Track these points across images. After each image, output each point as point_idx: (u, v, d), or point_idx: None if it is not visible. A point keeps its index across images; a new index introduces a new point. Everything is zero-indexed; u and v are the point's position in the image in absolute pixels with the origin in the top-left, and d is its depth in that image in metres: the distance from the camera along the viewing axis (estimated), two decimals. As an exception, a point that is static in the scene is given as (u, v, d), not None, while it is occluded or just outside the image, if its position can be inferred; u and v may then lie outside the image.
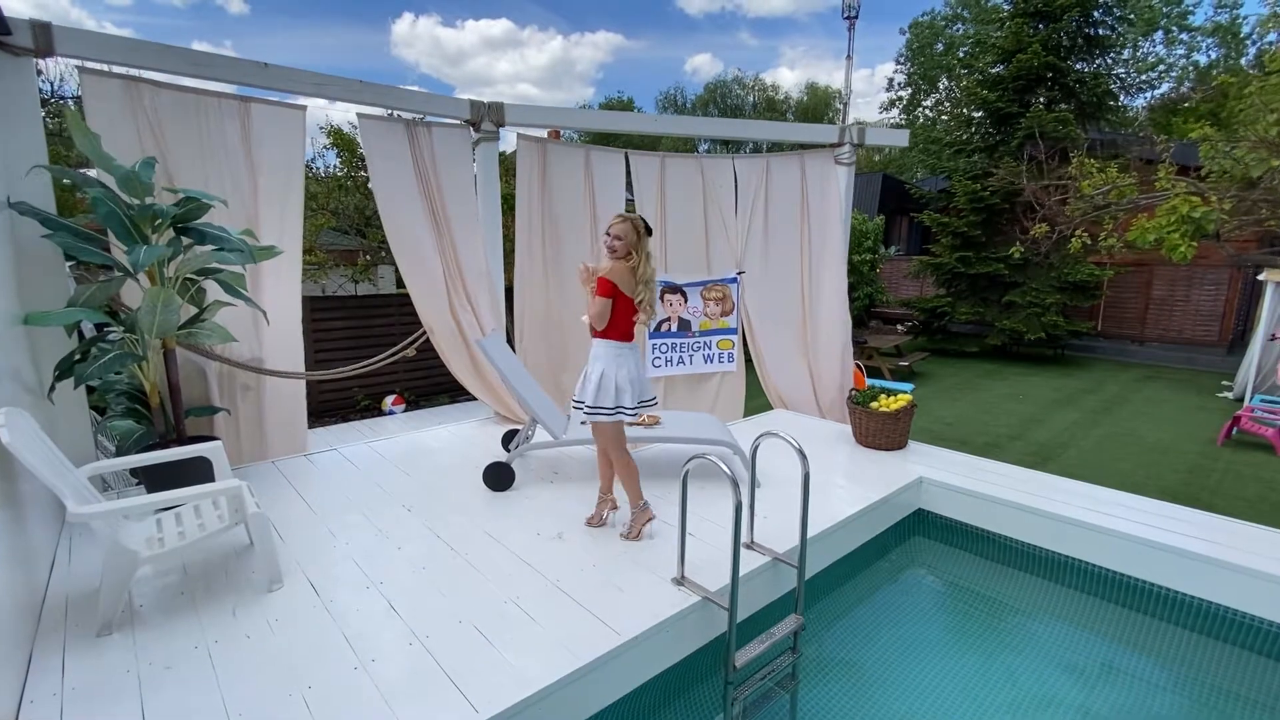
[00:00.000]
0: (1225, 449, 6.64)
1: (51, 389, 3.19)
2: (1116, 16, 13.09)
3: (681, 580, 2.76)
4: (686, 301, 5.89)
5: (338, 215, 9.51)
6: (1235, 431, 6.81)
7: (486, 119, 5.03)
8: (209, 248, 3.39)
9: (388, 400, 7.61)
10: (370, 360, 5.10)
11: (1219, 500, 5.19)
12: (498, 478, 3.85)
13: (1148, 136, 10.54)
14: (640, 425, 3.94)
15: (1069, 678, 2.93)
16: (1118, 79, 17.53)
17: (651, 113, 31.90)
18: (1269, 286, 7.97)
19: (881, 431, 4.65)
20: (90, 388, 3.81)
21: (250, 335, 4.21)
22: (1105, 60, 13.88)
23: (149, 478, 3.32)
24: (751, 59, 56.22)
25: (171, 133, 3.82)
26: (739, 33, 52.67)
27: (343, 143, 9.42)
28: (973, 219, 12.13)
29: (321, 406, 7.33)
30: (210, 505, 2.87)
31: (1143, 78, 21.32)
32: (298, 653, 2.29)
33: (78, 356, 3.19)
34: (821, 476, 4.03)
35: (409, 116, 4.86)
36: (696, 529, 3.22)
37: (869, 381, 5.86)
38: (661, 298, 5.69)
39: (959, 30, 24.09)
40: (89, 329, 3.86)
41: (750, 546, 3.07)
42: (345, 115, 9.51)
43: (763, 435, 2.99)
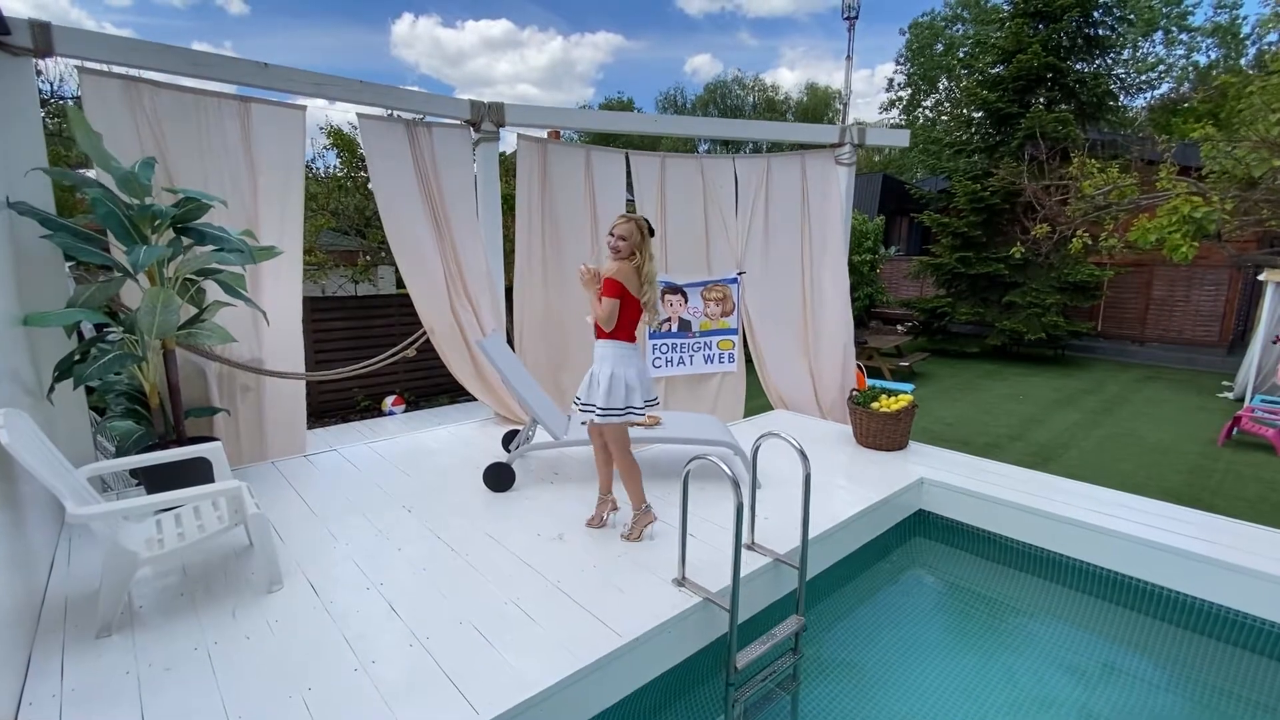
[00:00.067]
0: (1226, 449, 6.64)
1: (51, 390, 3.19)
2: (1116, 17, 13.08)
3: (682, 581, 2.76)
4: (687, 302, 5.88)
5: (338, 216, 9.50)
6: (1236, 432, 6.81)
7: (487, 119, 5.02)
8: (209, 248, 3.39)
9: (388, 401, 7.60)
10: (370, 361, 5.10)
11: (1220, 501, 5.18)
12: (498, 478, 3.85)
13: (1149, 137, 10.53)
14: (642, 425, 3.93)
15: (1070, 678, 2.92)
16: (1118, 79, 17.52)
17: (651, 113, 31.91)
18: (1269, 287, 7.96)
19: (882, 432, 4.64)
20: (90, 388, 3.81)
21: (250, 336, 4.20)
22: (1105, 61, 13.87)
23: (148, 478, 3.31)
24: (751, 59, 56.32)
25: (171, 133, 3.81)
26: (739, 33, 52.76)
27: (343, 143, 9.42)
28: (973, 219, 12.13)
29: (321, 407, 7.32)
30: (210, 506, 2.86)
31: (1142, 78, 21.33)
32: (298, 654, 2.29)
33: (77, 357, 3.18)
34: (822, 477, 4.03)
35: (409, 117, 4.86)
36: (697, 530, 3.21)
37: (869, 382, 5.86)
38: (662, 298, 5.69)
39: (959, 31, 24.08)
40: (88, 329, 3.85)
41: (751, 547, 3.07)
42: (345, 115, 9.53)
43: (764, 436, 2.99)
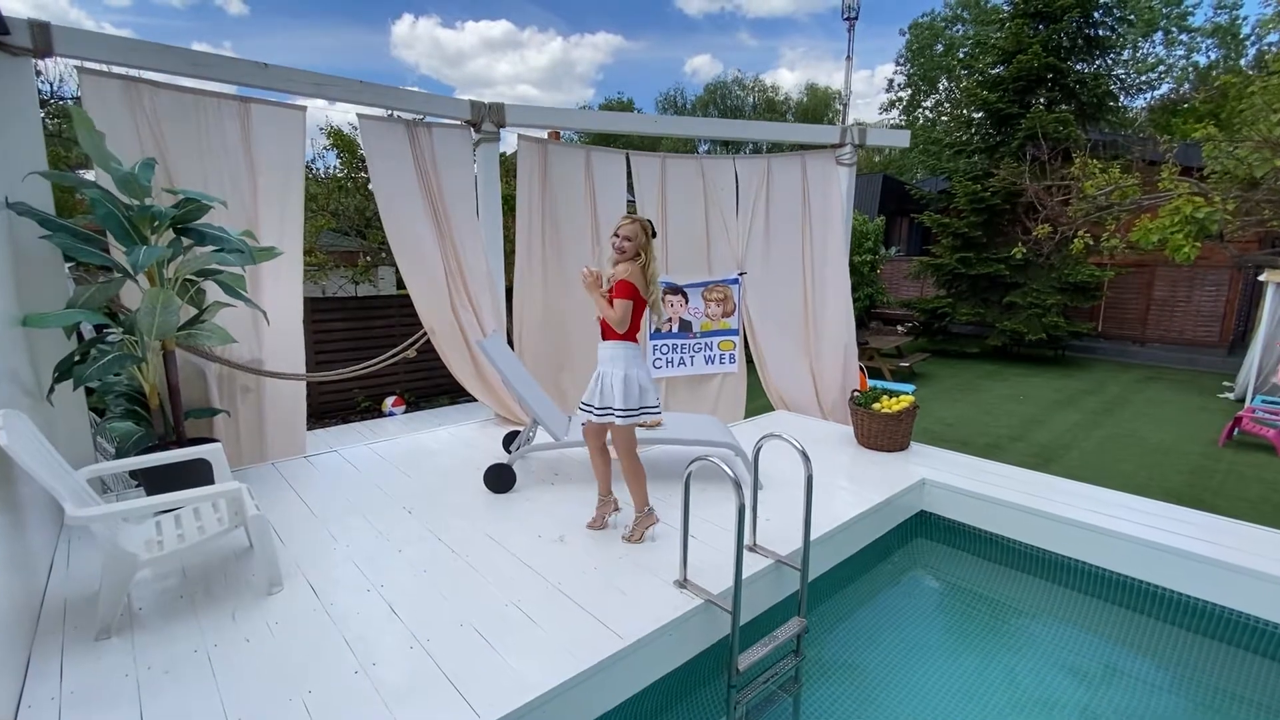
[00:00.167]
0: (1227, 450, 6.63)
1: (50, 391, 3.18)
2: (1116, 17, 13.09)
3: (684, 583, 2.75)
4: (687, 302, 5.88)
5: (338, 216, 9.50)
6: (1237, 432, 6.80)
7: (487, 120, 5.02)
8: (209, 249, 3.38)
9: (388, 402, 7.59)
10: (370, 361, 5.09)
11: (1221, 501, 5.17)
12: (499, 479, 3.84)
13: (1150, 137, 10.52)
14: (643, 426, 3.92)
15: (1072, 680, 2.91)
16: (1118, 80, 17.54)
17: (651, 114, 31.91)
18: (1270, 287, 7.96)
19: (884, 433, 4.63)
20: (89, 389, 3.80)
21: (250, 337, 4.19)
22: (1105, 61, 13.87)
23: (148, 480, 3.30)
24: (751, 60, 56.37)
25: (171, 133, 3.80)
26: (738, 33, 52.82)
27: (343, 144, 9.42)
28: (973, 220, 12.12)
29: (321, 408, 7.31)
30: (210, 508, 2.85)
31: (1143, 78, 21.35)
32: (298, 656, 2.28)
33: (77, 358, 3.17)
34: (824, 478, 4.02)
35: (409, 117, 4.85)
36: (698, 531, 3.20)
37: (870, 383, 5.85)
38: (662, 298, 5.68)
39: (959, 31, 24.09)
40: (88, 330, 3.84)
41: (753, 549, 3.06)
42: (345, 116, 9.54)
43: (765, 437, 2.98)
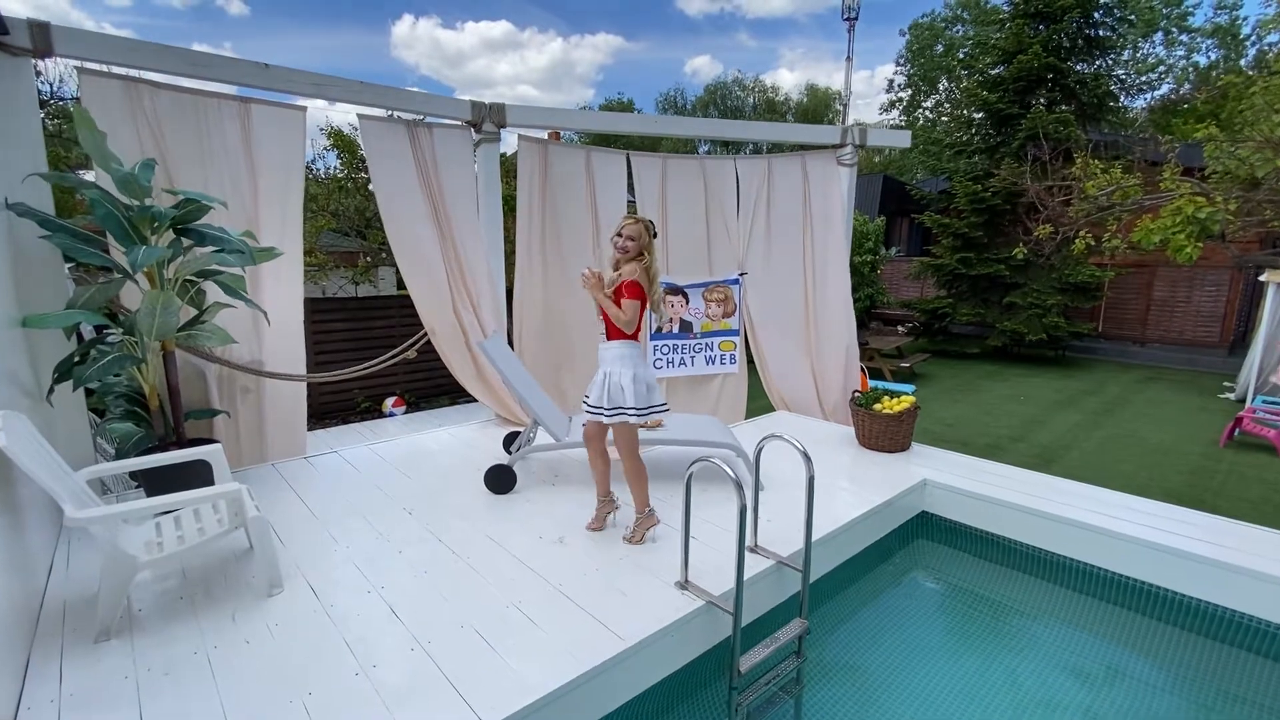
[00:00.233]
0: (1228, 450, 6.62)
1: (50, 392, 3.17)
2: (1117, 18, 13.09)
3: (685, 584, 2.74)
4: (688, 303, 5.87)
5: (338, 217, 9.51)
6: (1237, 433, 6.80)
7: (487, 120, 5.01)
8: (209, 249, 3.37)
9: (388, 402, 7.58)
10: (371, 362, 5.09)
11: (1222, 502, 5.17)
12: (499, 480, 3.83)
13: (1151, 138, 10.53)
14: (644, 427, 3.91)
15: (1073, 681, 2.90)
16: (1118, 80, 17.53)
17: (651, 114, 31.92)
18: (1270, 288, 7.95)
19: (885, 434, 4.63)
20: (89, 390, 3.79)
21: (250, 337, 4.19)
22: (1105, 61, 13.87)
23: (148, 481, 3.30)
24: (751, 60, 56.39)
25: (171, 133, 3.80)
26: (738, 34, 52.85)
27: (343, 144, 9.42)
28: (973, 220, 12.13)
29: (321, 408, 7.31)
30: (210, 509, 2.85)
31: (1143, 79, 21.33)
32: (298, 658, 2.27)
33: (76, 359, 3.17)
34: (825, 479, 4.01)
35: (409, 117, 4.85)
36: (699, 532, 3.19)
37: (871, 383, 5.84)
38: (663, 298, 5.68)
39: (959, 32, 24.07)
40: (88, 331, 3.84)
41: (754, 550, 3.05)
42: (345, 117, 9.56)
43: (766, 438, 2.97)
